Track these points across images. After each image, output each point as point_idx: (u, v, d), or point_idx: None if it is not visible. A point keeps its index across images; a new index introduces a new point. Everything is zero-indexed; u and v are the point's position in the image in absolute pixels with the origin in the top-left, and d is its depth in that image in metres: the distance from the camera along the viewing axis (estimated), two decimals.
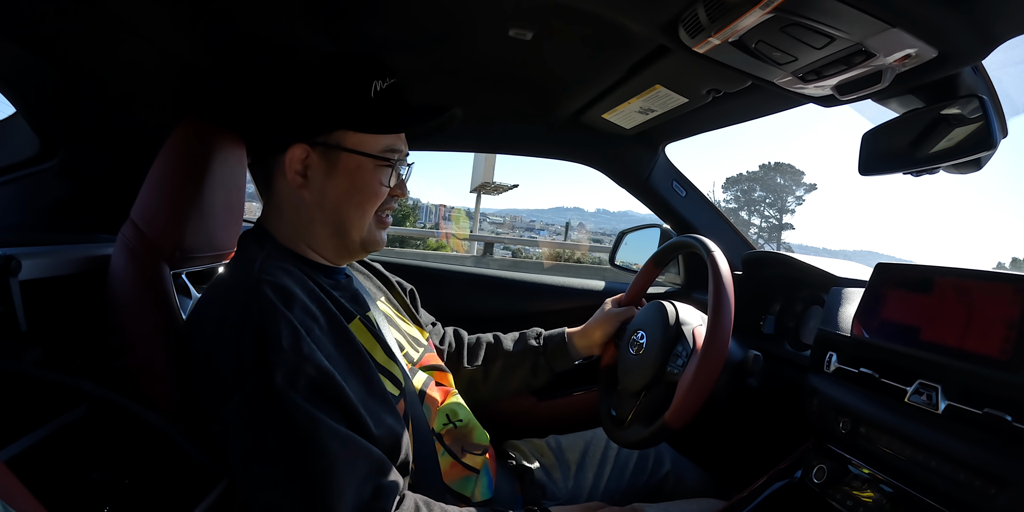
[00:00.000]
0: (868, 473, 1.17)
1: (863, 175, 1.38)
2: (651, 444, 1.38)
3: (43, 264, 1.27)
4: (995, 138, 1.12)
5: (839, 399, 1.25)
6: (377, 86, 1.28)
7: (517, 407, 2.15)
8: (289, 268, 1.21)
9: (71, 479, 1.08)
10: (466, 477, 1.39)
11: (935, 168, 1.26)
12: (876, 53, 1.05)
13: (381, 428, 1.13)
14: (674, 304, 1.53)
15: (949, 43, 1.02)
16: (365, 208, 1.30)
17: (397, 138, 1.33)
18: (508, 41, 1.51)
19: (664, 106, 1.79)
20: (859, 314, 1.29)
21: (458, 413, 1.47)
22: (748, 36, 1.08)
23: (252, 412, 1.02)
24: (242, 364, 1.04)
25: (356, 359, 1.18)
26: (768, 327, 1.88)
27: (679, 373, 1.36)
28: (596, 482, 1.66)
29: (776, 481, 1.31)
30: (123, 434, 1.14)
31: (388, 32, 1.53)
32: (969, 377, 1.03)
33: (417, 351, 1.50)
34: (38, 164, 1.65)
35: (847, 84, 1.18)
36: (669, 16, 1.15)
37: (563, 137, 2.29)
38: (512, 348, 1.78)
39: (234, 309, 1.10)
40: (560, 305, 2.47)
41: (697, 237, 1.48)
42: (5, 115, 1.66)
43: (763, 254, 1.93)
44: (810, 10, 0.96)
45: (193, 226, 1.36)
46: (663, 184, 2.32)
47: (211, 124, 1.41)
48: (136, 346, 1.27)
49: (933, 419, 1.05)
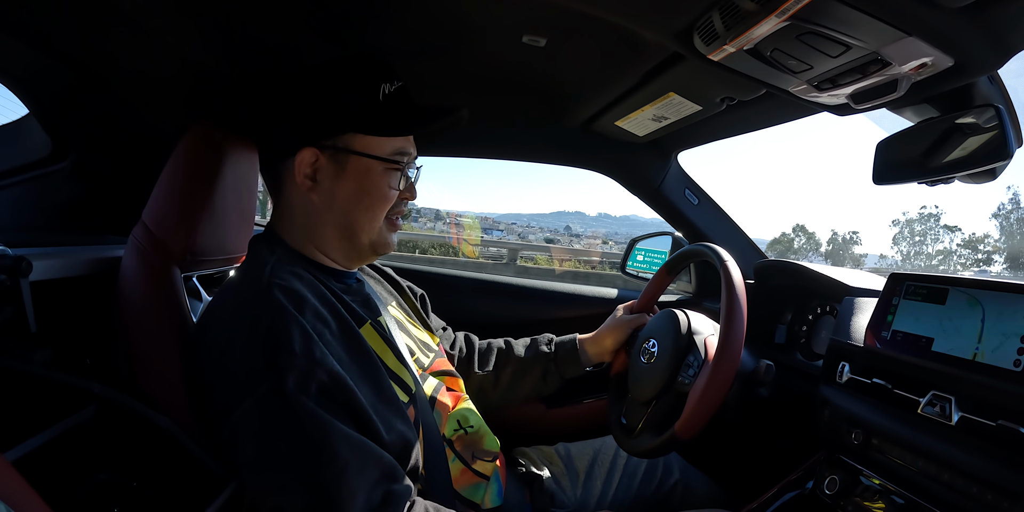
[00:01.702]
0: (880, 484, 1.16)
1: (877, 184, 1.36)
2: (660, 454, 1.37)
3: (54, 265, 1.27)
4: (1011, 147, 1.11)
5: (851, 410, 1.24)
6: (385, 89, 1.28)
7: (526, 414, 2.15)
8: (300, 272, 1.21)
9: (79, 480, 1.08)
10: (476, 484, 1.39)
11: (950, 178, 1.25)
12: (892, 62, 1.04)
13: (392, 433, 1.13)
14: (686, 313, 1.52)
15: (965, 52, 1.01)
16: (375, 211, 1.30)
17: (406, 141, 1.33)
18: (521, 48, 1.51)
19: (677, 114, 1.79)
20: (872, 324, 1.28)
21: (469, 419, 1.46)
22: (763, 44, 1.07)
23: (263, 416, 1.02)
24: (253, 368, 1.03)
25: (367, 364, 1.17)
26: (779, 336, 1.87)
27: (690, 383, 1.35)
28: (605, 490, 1.65)
29: (787, 492, 1.30)
30: (132, 436, 1.14)
31: (401, 39, 1.53)
32: (983, 389, 1.02)
33: (428, 356, 1.50)
34: (50, 165, 1.66)
35: (862, 93, 1.17)
36: (684, 24, 1.14)
37: (575, 144, 2.29)
38: (523, 354, 1.77)
39: (245, 312, 1.10)
40: (572, 312, 2.46)
41: (710, 246, 1.48)
42: (18, 116, 1.67)
43: (775, 263, 1.92)
44: (826, 18, 0.96)
45: (204, 229, 1.37)
46: (675, 192, 2.31)
47: (223, 128, 1.41)
48: (146, 348, 1.27)
49: (946, 431, 1.04)
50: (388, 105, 1.28)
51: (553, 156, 2.41)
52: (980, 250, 68.93)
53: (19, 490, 0.76)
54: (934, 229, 70.51)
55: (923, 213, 71.45)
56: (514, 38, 1.46)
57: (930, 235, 70.30)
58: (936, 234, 70.57)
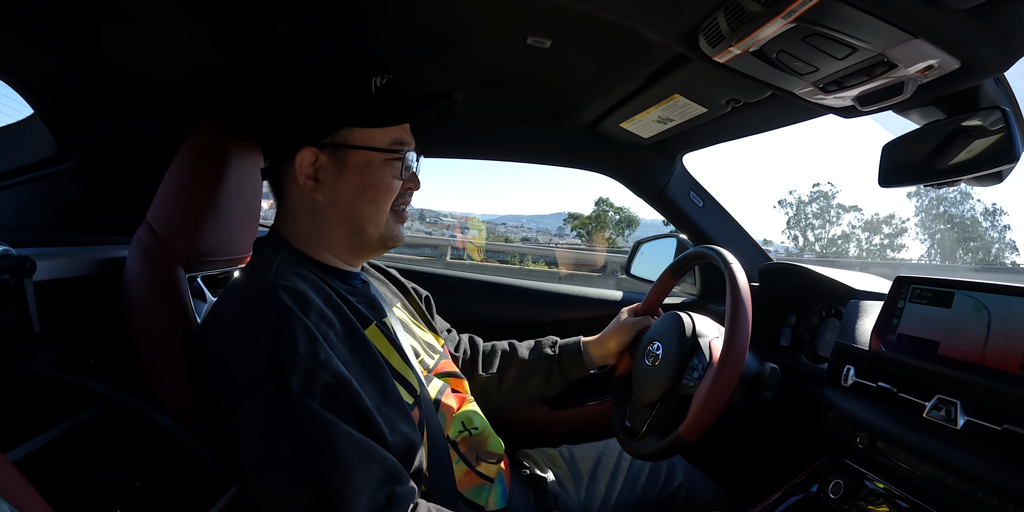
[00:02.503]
0: (884, 488, 1.16)
1: (883, 187, 1.36)
2: (664, 457, 1.37)
3: (58, 265, 1.27)
4: (1017, 150, 1.11)
5: (856, 413, 1.24)
6: (377, 82, 1.29)
7: (530, 416, 2.15)
8: (304, 273, 1.21)
9: (82, 480, 1.08)
10: (480, 486, 1.38)
11: (956, 180, 1.24)
12: (898, 64, 1.04)
13: (396, 435, 1.13)
14: (691, 316, 1.52)
15: (972, 54, 1.01)
16: (380, 203, 1.30)
17: (403, 131, 1.33)
18: (526, 49, 1.51)
19: (683, 115, 1.79)
20: (877, 327, 1.28)
21: (473, 421, 1.46)
22: (769, 46, 1.07)
23: (267, 417, 1.02)
24: (258, 369, 1.03)
25: (372, 365, 1.17)
26: (784, 339, 1.86)
27: (694, 386, 1.35)
28: (608, 493, 1.65)
29: (792, 495, 1.30)
30: (134, 436, 1.15)
31: (405, 41, 1.54)
32: (989, 393, 1.02)
33: (432, 358, 1.49)
34: (55, 165, 1.66)
35: (868, 95, 1.17)
36: (689, 25, 1.14)
37: (580, 146, 2.29)
38: (527, 356, 1.77)
39: (250, 313, 1.10)
40: (576, 314, 2.46)
41: (715, 248, 1.47)
42: (23, 116, 1.67)
43: (780, 265, 1.92)
44: (832, 20, 0.95)
45: (209, 229, 1.37)
46: (680, 194, 2.31)
47: (228, 129, 1.41)
48: (149, 349, 1.28)
49: (951, 435, 1.04)
50: (381, 97, 1.29)
51: (558, 158, 2.41)
52: (885, 233, 64.55)
53: (21, 490, 0.76)
54: (829, 210, 65.27)
55: (815, 192, 65.77)
56: (519, 40, 1.46)
57: (826, 217, 65.20)
58: (833, 216, 65.38)
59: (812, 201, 65.83)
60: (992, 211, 61.60)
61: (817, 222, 65.67)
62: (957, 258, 62.33)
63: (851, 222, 65.14)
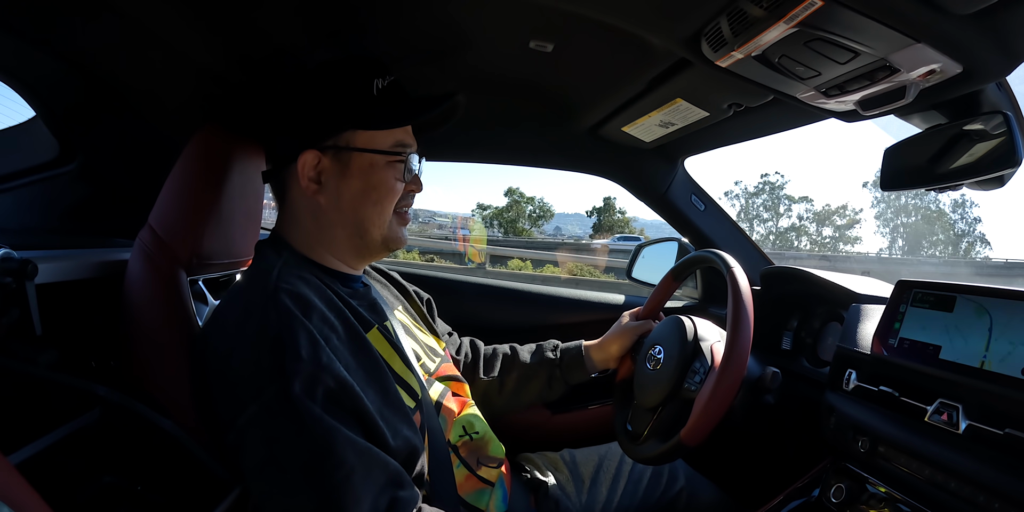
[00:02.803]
0: (886, 493, 1.16)
1: (885, 191, 1.37)
2: (666, 461, 1.37)
3: (60, 268, 1.27)
4: (1019, 154, 1.11)
5: (857, 417, 1.24)
6: (378, 84, 1.29)
7: (532, 420, 2.14)
8: (306, 276, 1.21)
9: (83, 483, 1.08)
10: (481, 490, 1.38)
11: (958, 184, 1.24)
12: (900, 68, 1.04)
13: (398, 439, 1.12)
14: (692, 319, 1.52)
15: (974, 59, 1.01)
16: (383, 205, 1.30)
17: (405, 133, 1.34)
18: (528, 53, 1.51)
19: (685, 120, 1.78)
20: (879, 331, 1.28)
21: (474, 425, 1.46)
22: (771, 50, 1.07)
23: (269, 421, 1.01)
24: (260, 373, 1.03)
25: (374, 369, 1.17)
26: (786, 343, 1.86)
27: (696, 390, 1.35)
28: (610, 497, 1.65)
29: (793, 500, 1.30)
30: (136, 440, 1.14)
31: (407, 45, 1.54)
32: (990, 397, 1.02)
33: (434, 361, 1.49)
34: (57, 168, 1.66)
35: (870, 99, 1.17)
36: (692, 30, 1.14)
37: (582, 149, 2.28)
38: (528, 360, 1.77)
39: (252, 317, 1.10)
40: (577, 318, 2.46)
41: (717, 252, 1.47)
42: (25, 118, 1.67)
43: (782, 269, 1.92)
44: (835, 25, 0.96)
45: (211, 232, 1.37)
46: (682, 198, 2.31)
47: (230, 132, 1.42)
48: (151, 352, 1.28)
49: (953, 439, 1.04)
50: (383, 99, 1.29)
51: (560, 161, 2.40)
52: (835, 224, 64.27)
53: (23, 493, 0.76)
54: (776, 202, 65.40)
55: (762, 183, 65.83)
56: (521, 43, 1.46)
57: (775, 209, 65.20)
58: (781, 207, 65.37)
59: (760, 192, 65.84)
60: (961, 203, 61.17)
61: (766, 214, 65.62)
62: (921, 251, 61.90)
63: (800, 214, 65.22)
